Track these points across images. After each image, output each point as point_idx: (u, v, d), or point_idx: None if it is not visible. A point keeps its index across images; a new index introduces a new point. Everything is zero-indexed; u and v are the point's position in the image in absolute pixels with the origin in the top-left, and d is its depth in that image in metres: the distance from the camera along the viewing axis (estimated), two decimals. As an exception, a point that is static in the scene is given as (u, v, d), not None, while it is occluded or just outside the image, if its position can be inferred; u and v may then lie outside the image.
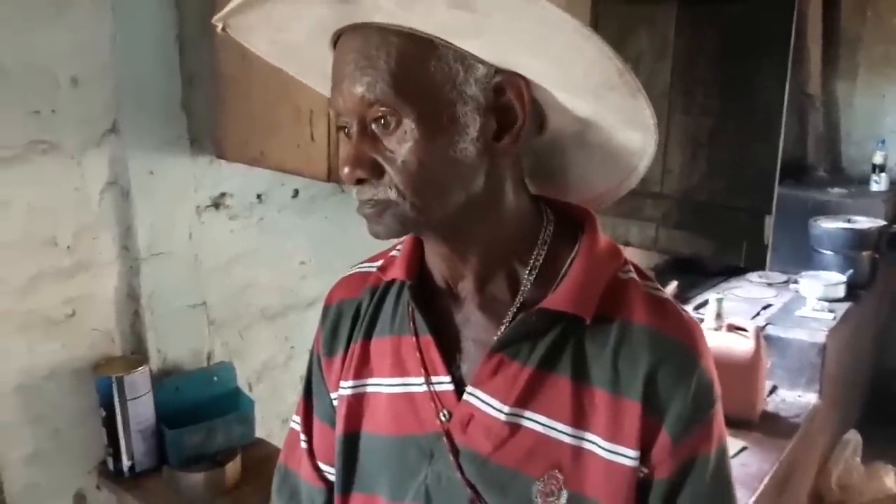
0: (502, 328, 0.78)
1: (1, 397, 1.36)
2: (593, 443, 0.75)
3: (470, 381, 0.79)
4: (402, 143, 0.70)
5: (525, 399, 0.76)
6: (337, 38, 0.74)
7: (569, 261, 0.79)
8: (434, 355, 0.80)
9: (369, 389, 0.85)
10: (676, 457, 0.76)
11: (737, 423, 2.29)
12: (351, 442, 0.85)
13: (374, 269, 0.90)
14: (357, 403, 0.85)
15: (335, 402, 0.88)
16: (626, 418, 0.75)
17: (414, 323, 0.82)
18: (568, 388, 0.76)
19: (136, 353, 1.52)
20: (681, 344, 0.76)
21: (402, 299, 0.85)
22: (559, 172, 0.84)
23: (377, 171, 0.71)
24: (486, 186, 0.75)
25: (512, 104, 0.73)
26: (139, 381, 1.43)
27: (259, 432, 1.60)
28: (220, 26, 0.76)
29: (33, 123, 1.32)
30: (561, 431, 0.75)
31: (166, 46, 1.45)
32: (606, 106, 0.76)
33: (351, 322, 0.88)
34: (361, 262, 0.94)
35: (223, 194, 1.61)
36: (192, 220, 1.55)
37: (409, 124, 0.70)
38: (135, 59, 1.41)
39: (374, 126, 0.71)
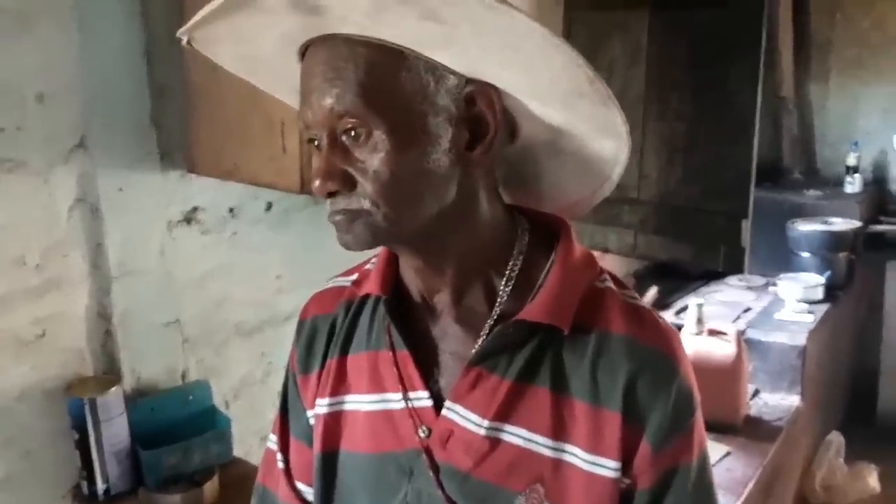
0: (480, 341, 0.77)
1: (-29, 421, 1.33)
2: (574, 454, 0.74)
3: (448, 396, 0.77)
4: (373, 155, 0.69)
5: (504, 412, 0.75)
6: (304, 51, 0.73)
7: (545, 271, 0.78)
8: (411, 370, 0.79)
9: (347, 407, 0.83)
10: (658, 466, 0.75)
11: (720, 428, 2.30)
12: (329, 461, 0.84)
13: (349, 284, 0.89)
14: (334, 421, 0.84)
15: (312, 421, 0.86)
16: (606, 429, 0.74)
17: (390, 338, 0.81)
18: (547, 399, 0.75)
19: (109, 373, 1.49)
20: (659, 353, 0.76)
21: (378, 314, 0.83)
22: (532, 181, 0.83)
23: (349, 183, 0.71)
24: (459, 197, 0.74)
25: (483, 114, 0.73)
26: (112, 402, 1.40)
27: (237, 451, 1.58)
28: (185, 39, 0.75)
29: (-2, 141, 1.30)
30: (541, 444, 0.74)
31: (134, 60, 1.43)
32: (577, 114, 0.76)
33: (326, 338, 0.87)
34: (336, 276, 0.92)
35: (195, 209, 1.59)
36: (163, 236, 1.53)
37: (379, 136, 0.69)
38: (102, 74, 1.39)
39: (344, 138, 0.70)
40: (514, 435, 0.75)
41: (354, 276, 0.89)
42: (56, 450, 1.42)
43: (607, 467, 0.74)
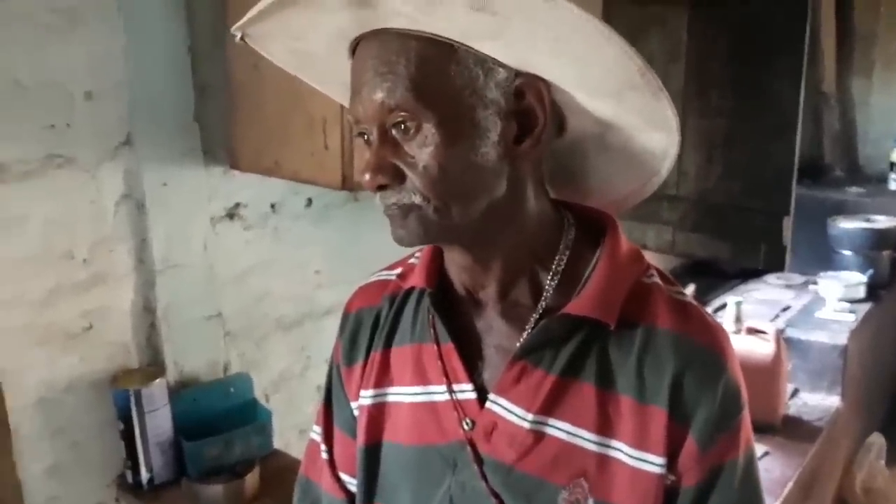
0: (524, 335, 0.77)
1: (21, 410, 1.37)
2: (619, 450, 0.74)
3: (493, 389, 0.77)
4: (422, 148, 0.70)
5: (549, 407, 0.75)
6: (355, 46, 0.73)
7: (591, 266, 0.78)
8: (456, 363, 0.79)
9: (390, 399, 0.84)
10: (704, 464, 0.74)
11: (759, 428, 2.24)
12: (372, 452, 0.84)
13: (394, 277, 0.89)
14: (378, 413, 0.84)
15: (356, 412, 0.87)
16: (651, 425, 0.73)
17: (435, 331, 0.81)
18: (592, 394, 0.75)
19: (153, 366, 1.52)
20: (706, 349, 0.75)
21: (422, 307, 0.84)
22: (580, 176, 0.83)
23: (399, 177, 0.71)
24: (507, 191, 0.74)
25: (532, 107, 0.73)
26: (156, 394, 1.43)
27: (277, 443, 1.60)
28: (238, 36, 0.76)
29: (49, 138, 1.33)
30: (586, 439, 0.74)
31: (178, 58, 1.45)
32: (627, 107, 0.75)
33: (370, 331, 0.88)
34: (380, 270, 0.93)
35: (237, 205, 1.61)
36: (206, 232, 1.55)
37: (429, 129, 0.69)
38: (147, 72, 1.42)
39: (394, 132, 0.70)
40: (559, 429, 0.75)
41: (399, 270, 0.90)
42: (102, 440, 1.46)
43: (653, 463, 0.73)
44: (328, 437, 0.92)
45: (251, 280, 1.66)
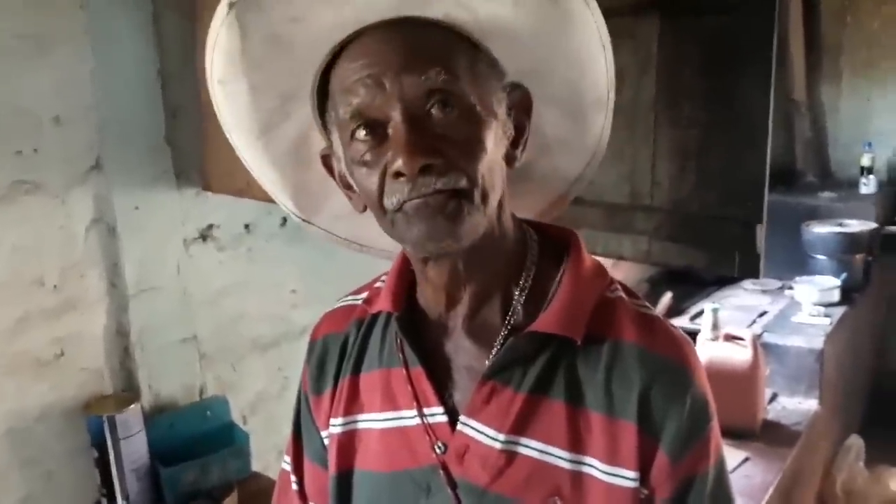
0: (492, 354, 0.77)
1: (-8, 441, 1.34)
2: (592, 466, 0.74)
3: (463, 411, 0.77)
4: (464, 125, 0.69)
5: (520, 426, 0.75)
6: (341, 46, 0.71)
7: (556, 282, 0.78)
8: (426, 387, 0.79)
9: (360, 426, 0.84)
10: (675, 476, 0.75)
11: (738, 434, 2.28)
12: (344, 481, 0.84)
13: (360, 302, 0.89)
14: (348, 441, 0.84)
15: (326, 441, 0.87)
16: (622, 440, 0.74)
17: (403, 355, 0.81)
18: (563, 411, 0.75)
19: (128, 391, 1.49)
20: (672, 361, 0.76)
21: (390, 331, 0.83)
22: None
23: (442, 155, 0.68)
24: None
25: (521, 118, 0.76)
26: (131, 420, 1.41)
27: (255, 465, 1.58)
28: (228, 1, 0.69)
29: (16, 164, 1.31)
30: (558, 457, 0.74)
31: (148, 81, 1.44)
32: (584, 125, 0.78)
33: (338, 357, 0.87)
34: (346, 296, 0.92)
35: (210, 226, 1.60)
36: (179, 254, 1.54)
37: (472, 105, 0.69)
38: (117, 95, 1.40)
39: (434, 109, 0.68)
40: (531, 448, 0.75)
41: (365, 294, 0.89)
42: (76, 468, 1.43)
43: (626, 478, 0.73)
44: (298, 467, 0.91)
45: (226, 301, 1.65)
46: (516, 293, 0.78)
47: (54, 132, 1.34)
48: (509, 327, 0.78)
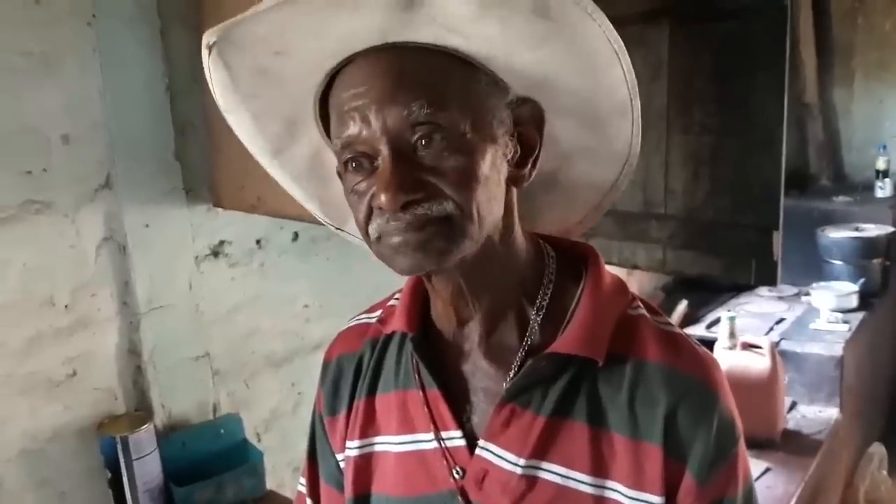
0: (511, 376, 0.75)
1: (5, 463, 1.33)
2: (615, 490, 0.72)
3: (482, 435, 0.75)
4: (452, 155, 0.67)
5: (541, 450, 0.73)
6: (334, 73, 0.71)
7: (575, 300, 0.76)
8: (443, 409, 0.77)
9: (377, 448, 0.82)
10: (703, 499, 0.72)
11: (759, 444, 2.25)
12: None
13: (374, 321, 0.87)
14: (365, 464, 0.82)
15: (342, 463, 0.85)
16: (647, 463, 0.71)
17: (419, 376, 0.79)
18: (585, 434, 0.73)
19: (140, 410, 1.48)
20: (698, 381, 0.73)
21: (405, 352, 0.81)
22: (527, 211, 0.82)
23: (426, 188, 0.67)
24: (503, 217, 0.74)
25: (532, 132, 0.74)
26: (144, 440, 1.40)
27: (270, 483, 1.56)
28: (211, 42, 0.71)
29: (26, 184, 1.31)
30: (581, 482, 0.72)
31: (157, 98, 1.44)
32: (609, 135, 0.76)
33: (353, 378, 0.85)
34: (359, 314, 0.91)
35: (222, 242, 1.59)
36: (191, 271, 1.53)
37: (457, 136, 0.67)
38: (126, 113, 1.40)
39: (419, 144, 0.67)
40: (552, 472, 0.73)
41: (378, 313, 0.88)
42: (89, 489, 1.42)
43: (650, 502, 0.71)
44: (314, 490, 0.89)
45: (238, 318, 1.64)
46: (533, 312, 0.76)
47: (63, 151, 1.34)
48: (527, 348, 0.75)
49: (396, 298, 0.85)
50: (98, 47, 1.35)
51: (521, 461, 0.73)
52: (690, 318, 2.98)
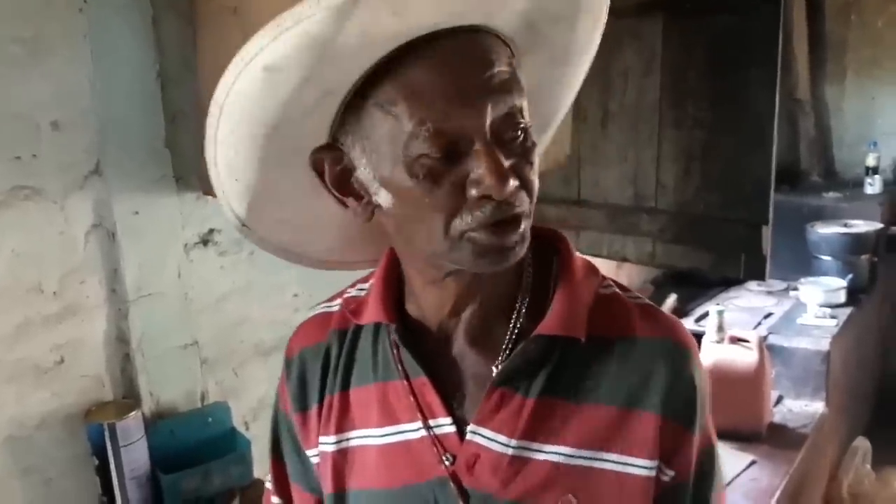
0: (500, 360, 0.76)
1: (-9, 450, 1.33)
2: (605, 460, 0.74)
3: (473, 420, 0.76)
4: (529, 149, 0.69)
5: (532, 430, 0.75)
6: (390, 56, 0.66)
7: (552, 283, 0.78)
8: (431, 397, 0.77)
9: (354, 443, 0.81)
10: (699, 449, 0.77)
11: (744, 437, 2.26)
12: (340, 501, 0.82)
13: (335, 309, 0.86)
14: (343, 459, 0.81)
15: (315, 459, 0.84)
16: (637, 430, 0.74)
17: (402, 366, 0.79)
18: (574, 412, 0.75)
19: (128, 398, 1.48)
20: (677, 344, 0.77)
21: (382, 343, 0.81)
22: None
23: (518, 176, 0.68)
24: None
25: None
26: (132, 427, 1.40)
27: (257, 472, 1.56)
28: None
29: (15, 169, 1.30)
30: (571, 456, 0.74)
31: (148, 85, 1.43)
32: (570, 72, 0.81)
33: (321, 371, 0.84)
34: (319, 304, 0.89)
35: (211, 230, 1.59)
36: (180, 259, 1.53)
37: (528, 131, 0.69)
38: (116, 100, 1.39)
39: (510, 133, 0.67)
40: (543, 451, 0.74)
41: (338, 302, 0.86)
42: (76, 476, 1.42)
43: (641, 467, 0.74)
44: (283, 490, 0.89)
45: (227, 306, 1.64)
46: (519, 298, 0.78)
47: (53, 137, 1.33)
48: (515, 332, 0.77)
49: (360, 288, 0.85)
50: (89, 34, 1.34)
51: (513, 442, 0.74)
52: (679, 312, 2.99)
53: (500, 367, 0.76)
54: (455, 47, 0.65)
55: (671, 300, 2.97)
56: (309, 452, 0.85)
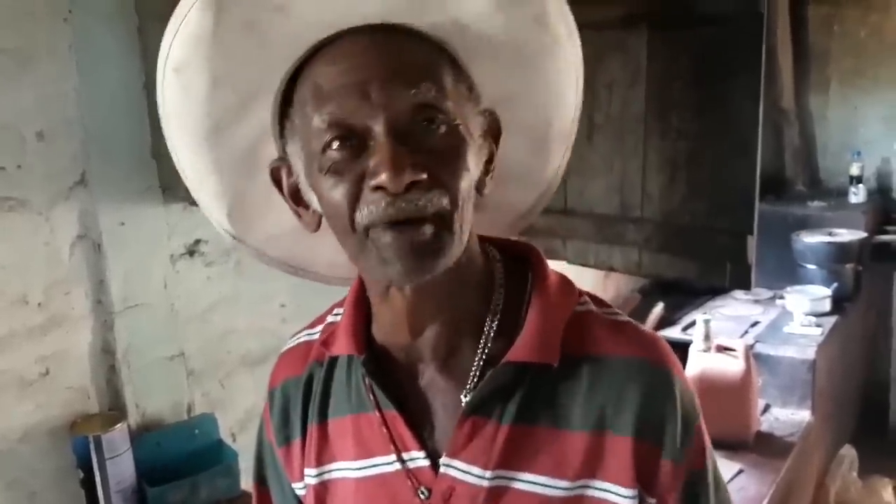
0: (469, 388, 0.73)
1: (-26, 463, 1.32)
2: (585, 486, 0.71)
3: (445, 452, 0.73)
4: (449, 141, 0.66)
5: (506, 460, 0.72)
6: (316, 49, 0.67)
7: (525, 303, 0.75)
8: (402, 430, 0.74)
9: (335, 475, 0.79)
10: (679, 479, 0.73)
11: (731, 446, 2.27)
12: None
13: (316, 338, 0.83)
14: (324, 491, 0.79)
15: (301, 492, 0.82)
16: (615, 455, 0.71)
17: (374, 398, 0.76)
18: (549, 438, 0.72)
19: (114, 410, 1.47)
20: (656, 366, 0.74)
21: (354, 373, 0.78)
22: None
23: (427, 171, 0.64)
24: None
25: (492, 145, 0.73)
26: (117, 439, 1.39)
27: (244, 484, 1.55)
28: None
29: (-1, 180, 1.29)
30: (549, 486, 0.72)
31: (133, 95, 1.42)
32: (546, 157, 0.78)
33: (302, 403, 0.82)
34: (300, 331, 0.88)
35: (198, 241, 1.58)
36: (166, 270, 1.52)
37: (453, 126, 0.66)
38: (101, 109, 1.39)
39: (422, 125, 0.65)
40: (520, 481, 0.72)
41: (319, 329, 0.84)
42: (61, 490, 1.41)
43: (620, 495, 0.71)
44: None
45: (214, 317, 1.63)
46: (488, 320, 0.74)
47: (38, 148, 1.32)
48: (484, 358, 0.74)
49: (336, 314, 0.82)
50: (74, 44, 1.34)
51: (488, 473, 0.72)
52: (666, 321, 3.00)
53: (468, 396, 0.73)
54: (359, 43, 0.65)
55: (658, 309, 2.98)
56: (296, 486, 0.83)
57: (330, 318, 0.84)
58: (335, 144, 0.65)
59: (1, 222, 1.30)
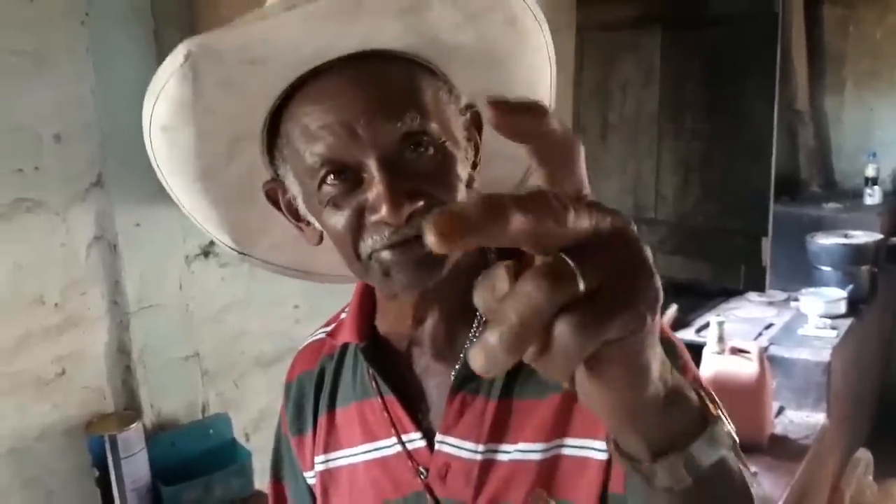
0: (457, 366, 0.76)
1: (-8, 461, 1.33)
2: (558, 447, 0.73)
3: (438, 429, 0.76)
4: (437, 161, 0.67)
5: (497, 433, 0.74)
6: (292, 87, 0.67)
7: None
8: (400, 413, 0.78)
9: (342, 462, 0.82)
10: None
11: (745, 448, 2.22)
12: None
13: (326, 335, 0.88)
14: (329, 478, 0.83)
15: (312, 481, 0.85)
16: (583, 409, 0.71)
17: (377, 384, 0.80)
18: (536, 407, 0.74)
19: (129, 409, 1.48)
20: None
21: (360, 362, 0.82)
22: None
23: (423, 197, 0.65)
24: None
25: (476, 137, 0.75)
26: (133, 439, 1.40)
27: (258, 484, 1.56)
28: (190, 49, 0.66)
29: (17, 182, 1.31)
30: (539, 451, 0.73)
31: (149, 97, 1.44)
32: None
33: (314, 396, 0.86)
34: (317, 329, 0.91)
35: (212, 243, 1.56)
36: (181, 271, 1.53)
37: (438, 144, 0.67)
38: (118, 112, 1.40)
39: (409, 154, 0.66)
40: (509, 452, 0.74)
41: (332, 327, 0.88)
42: (77, 488, 1.42)
43: (594, 448, 0.72)
44: None
45: (228, 318, 1.64)
46: None
47: (55, 149, 1.34)
48: (474, 338, 0.76)
49: (347, 311, 0.86)
50: (91, 47, 1.35)
51: (480, 447, 0.74)
52: (680, 323, 2.99)
53: (455, 372, 0.76)
54: (340, 77, 0.66)
55: (672, 311, 2.97)
56: (307, 474, 0.86)
57: (343, 315, 0.87)
58: (330, 179, 0.67)
59: (18, 223, 1.31)
